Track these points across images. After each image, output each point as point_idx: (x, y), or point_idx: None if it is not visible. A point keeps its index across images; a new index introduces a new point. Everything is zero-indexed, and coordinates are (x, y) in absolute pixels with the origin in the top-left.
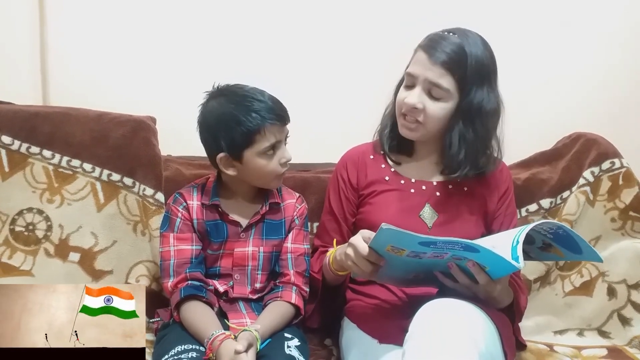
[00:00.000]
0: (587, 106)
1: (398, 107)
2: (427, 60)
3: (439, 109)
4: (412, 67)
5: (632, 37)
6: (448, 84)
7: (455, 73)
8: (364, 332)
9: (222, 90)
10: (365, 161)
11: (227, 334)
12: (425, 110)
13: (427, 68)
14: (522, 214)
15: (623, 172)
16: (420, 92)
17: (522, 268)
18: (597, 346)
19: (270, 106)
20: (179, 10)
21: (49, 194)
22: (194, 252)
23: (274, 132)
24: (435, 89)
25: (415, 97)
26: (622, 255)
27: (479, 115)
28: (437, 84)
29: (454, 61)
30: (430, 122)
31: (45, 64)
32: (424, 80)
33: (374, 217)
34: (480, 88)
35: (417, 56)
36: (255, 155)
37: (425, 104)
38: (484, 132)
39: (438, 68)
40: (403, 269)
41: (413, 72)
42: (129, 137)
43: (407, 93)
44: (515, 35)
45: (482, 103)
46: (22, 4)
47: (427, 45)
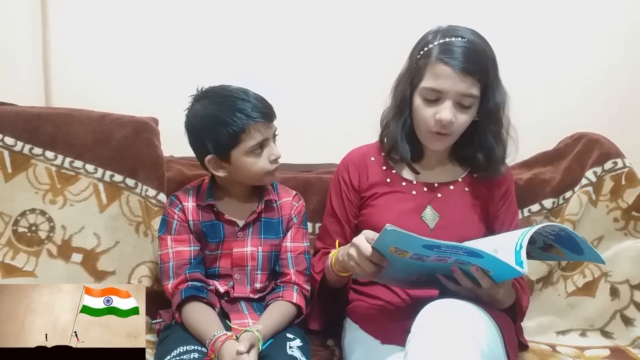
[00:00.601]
0: (589, 106)
1: (425, 124)
2: (453, 73)
3: (468, 117)
4: (438, 83)
5: (633, 37)
6: (477, 91)
7: (482, 79)
8: (366, 333)
9: (205, 92)
10: (366, 163)
11: (229, 335)
12: (457, 122)
13: (458, 80)
14: (524, 214)
15: (626, 172)
16: (451, 107)
17: (526, 273)
18: (600, 346)
19: (255, 104)
20: (181, 11)
21: (51, 195)
22: (193, 253)
23: (259, 130)
24: (466, 99)
25: (449, 113)
26: (624, 255)
27: (501, 111)
28: (469, 94)
29: (477, 68)
30: (458, 130)
31: (47, 65)
32: (455, 94)
33: (376, 219)
34: (497, 86)
35: (438, 69)
36: (242, 154)
37: (457, 116)
38: (505, 123)
39: (469, 79)
40: (406, 271)
41: (439, 88)
42: (132, 138)
43: (436, 109)
44: (516, 36)
45: (501, 99)
46: (24, 5)
47: (446, 56)
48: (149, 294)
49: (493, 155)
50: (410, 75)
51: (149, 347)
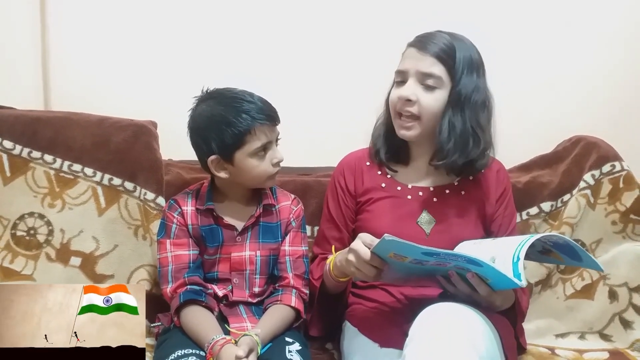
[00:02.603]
0: (587, 109)
1: (392, 107)
2: (417, 53)
3: (433, 100)
4: (402, 64)
5: (633, 39)
6: (440, 72)
7: (446, 62)
8: (365, 336)
9: (211, 93)
10: (361, 168)
11: (228, 339)
12: (420, 102)
13: (418, 59)
14: (522, 218)
15: (624, 175)
16: (413, 84)
17: (524, 286)
18: (599, 349)
19: (260, 107)
20: (180, 14)
21: (50, 198)
22: (192, 256)
23: (264, 132)
24: (428, 79)
25: (408, 89)
26: (623, 258)
27: (468, 104)
28: (430, 72)
29: (444, 51)
30: (425, 114)
31: (46, 69)
32: (415, 72)
33: (372, 224)
34: (469, 77)
35: (406, 53)
36: (246, 156)
37: (419, 95)
38: (474, 122)
39: (429, 57)
40: (405, 272)
41: (403, 68)
42: (130, 141)
43: (399, 89)
44: (514, 37)
45: (472, 92)
46: (23, 9)
47: (416, 40)
48: (147, 298)
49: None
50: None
51: (148, 350)
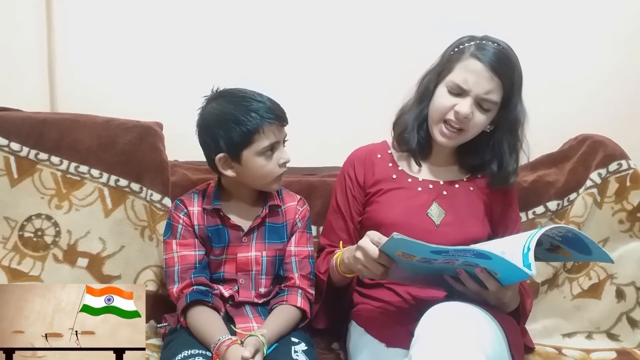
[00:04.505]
0: (593, 108)
1: (440, 113)
2: (483, 69)
3: (485, 120)
4: (466, 76)
5: (638, 38)
6: (498, 98)
7: (506, 86)
8: (372, 336)
9: (221, 92)
10: (372, 160)
11: (234, 339)
12: (473, 121)
13: (485, 81)
14: (528, 217)
15: (630, 174)
16: (472, 103)
17: (534, 275)
18: (606, 349)
19: (269, 106)
20: (185, 17)
21: (57, 199)
22: (198, 257)
23: (272, 132)
24: (485, 103)
25: (467, 108)
26: (630, 257)
27: (520, 126)
28: (491, 99)
29: (505, 72)
30: (472, 131)
31: (52, 71)
32: (477, 94)
33: (382, 215)
34: (520, 102)
35: (472, 66)
36: (254, 155)
37: (474, 114)
38: (522, 139)
39: (495, 80)
40: (413, 271)
41: (466, 86)
42: (136, 143)
43: (456, 101)
44: (520, 37)
45: (522, 113)
46: (29, 12)
47: (480, 53)
48: (154, 298)
49: (506, 166)
50: (439, 69)
51: (154, 350)
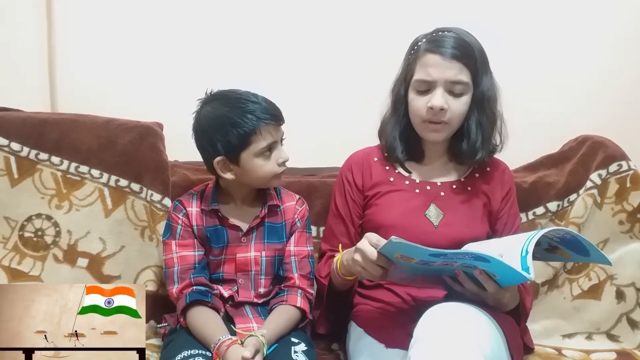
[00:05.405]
0: (593, 108)
1: (418, 115)
2: (442, 61)
3: (462, 105)
4: (426, 73)
5: (638, 38)
6: (467, 78)
7: (469, 66)
8: (371, 337)
9: (215, 95)
10: (369, 163)
11: (234, 340)
12: (451, 110)
13: (445, 67)
14: (529, 217)
15: (630, 175)
16: (442, 93)
17: (532, 279)
18: (606, 350)
19: (265, 107)
20: (185, 17)
21: (57, 199)
22: (197, 257)
23: (269, 132)
24: (456, 86)
25: (440, 99)
26: (630, 258)
27: (488, 101)
28: (458, 80)
29: (466, 55)
30: (454, 119)
31: (53, 71)
32: (444, 81)
33: (380, 217)
34: (485, 75)
35: (427, 60)
36: (252, 156)
37: (450, 103)
38: (493, 116)
39: (456, 64)
40: (412, 272)
41: (430, 78)
42: (137, 143)
43: (427, 98)
44: (520, 37)
45: (490, 89)
46: (29, 12)
47: (434, 45)
48: (154, 298)
49: (474, 141)
50: (403, 75)
51: (154, 351)
